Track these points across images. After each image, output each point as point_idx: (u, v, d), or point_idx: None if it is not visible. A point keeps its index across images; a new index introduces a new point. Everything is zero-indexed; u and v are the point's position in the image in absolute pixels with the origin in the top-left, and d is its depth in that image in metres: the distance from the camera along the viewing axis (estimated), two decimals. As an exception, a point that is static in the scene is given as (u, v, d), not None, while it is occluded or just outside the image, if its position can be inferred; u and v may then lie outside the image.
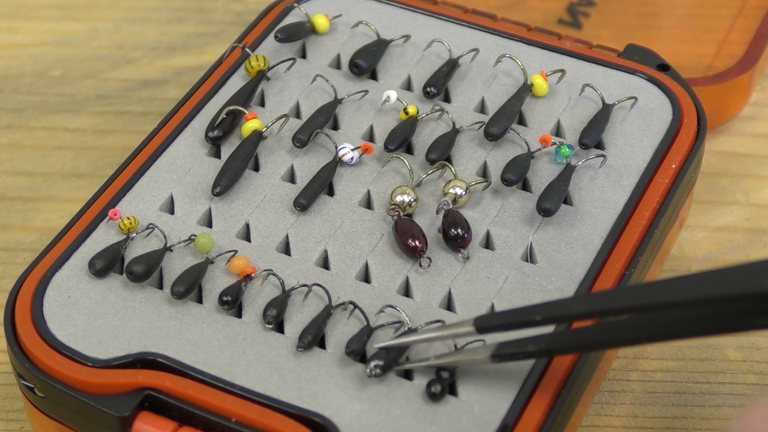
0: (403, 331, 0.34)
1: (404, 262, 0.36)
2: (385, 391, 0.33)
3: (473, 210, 0.37)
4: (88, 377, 0.33)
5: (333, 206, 0.37)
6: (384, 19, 0.43)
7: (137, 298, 0.35)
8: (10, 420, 0.38)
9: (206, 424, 0.32)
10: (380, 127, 0.40)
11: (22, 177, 0.46)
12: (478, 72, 0.41)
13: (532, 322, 0.31)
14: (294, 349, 0.33)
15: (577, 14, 0.50)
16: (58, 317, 0.34)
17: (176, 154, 0.38)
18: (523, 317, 0.31)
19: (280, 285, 0.35)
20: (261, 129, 0.39)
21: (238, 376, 0.33)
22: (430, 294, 0.35)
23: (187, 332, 0.34)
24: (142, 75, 0.50)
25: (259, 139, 0.38)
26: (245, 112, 0.39)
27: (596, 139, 0.39)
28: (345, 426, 0.32)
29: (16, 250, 0.43)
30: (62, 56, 0.50)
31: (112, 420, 0.32)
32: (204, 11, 0.53)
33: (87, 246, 0.36)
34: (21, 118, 0.48)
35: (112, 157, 0.46)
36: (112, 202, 0.37)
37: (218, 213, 0.37)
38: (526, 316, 0.31)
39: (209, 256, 0.36)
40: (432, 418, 0.32)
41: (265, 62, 0.41)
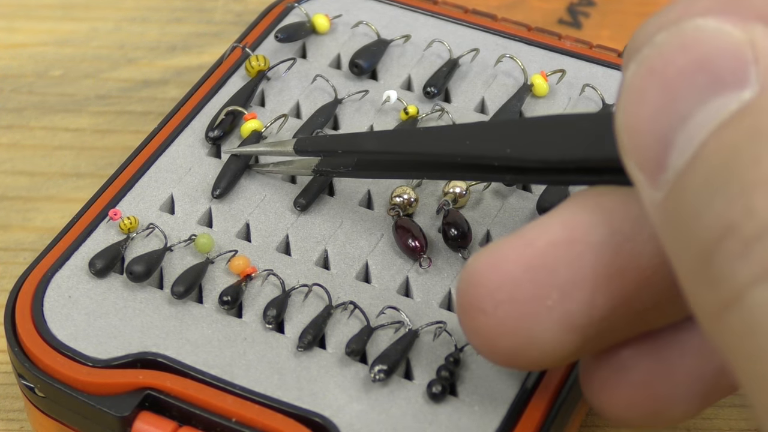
0: (403, 333, 0.34)
1: (404, 262, 0.36)
2: (386, 391, 0.33)
3: (473, 210, 0.37)
4: (88, 377, 0.33)
5: (333, 206, 0.37)
6: (384, 19, 0.43)
7: (137, 298, 0.35)
8: (11, 420, 0.38)
9: (206, 424, 0.32)
10: (380, 127, 0.40)
11: (22, 177, 0.46)
12: (478, 72, 0.41)
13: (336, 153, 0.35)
14: (294, 349, 0.33)
15: (577, 14, 0.50)
16: (58, 317, 0.34)
17: (176, 154, 0.38)
18: (330, 146, 0.36)
19: (280, 285, 0.35)
20: (260, 129, 0.39)
21: (239, 376, 0.33)
22: (431, 294, 0.35)
23: (187, 332, 0.34)
24: (142, 75, 0.50)
25: (259, 139, 0.38)
26: (245, 112, 0.39)
27: (596, 139, 0.39)
28: (345, 426, 0.32)
29: (16, 250, 0.43)
30: (62, 56, 0.50)
31: (112, 420, 0.32)
32: (204, 11, 0.52)
33: (87, 246, 0.36)
34: (21, 118, 0.48)
35: (113, 157, 0.46)
36: (112, 202, 0.37)
37: (218, 213, 0.37)
38: (333, 146, 0.35)
39: (209, 256, 0.36)
40: (432, 418, 0.32)
41: (266, 62, 0.41)
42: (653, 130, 0.25)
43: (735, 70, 0.24)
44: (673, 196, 0.25)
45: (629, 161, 0.26)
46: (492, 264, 0.28)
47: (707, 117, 0.24)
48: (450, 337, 0.34)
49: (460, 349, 0.33)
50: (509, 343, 0.29)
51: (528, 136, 0.30)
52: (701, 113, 0.24)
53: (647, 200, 0.26)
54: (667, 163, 0.25)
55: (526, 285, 0.28)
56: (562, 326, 0.28)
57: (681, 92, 0.25)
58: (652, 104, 0.25)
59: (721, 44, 0.25)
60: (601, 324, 0.28)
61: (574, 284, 0.28)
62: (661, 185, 0.25)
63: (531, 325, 0.28)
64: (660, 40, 0.26)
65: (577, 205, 0.28)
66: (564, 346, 0.28)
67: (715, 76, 0.25)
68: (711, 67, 0.25)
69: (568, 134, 0.29)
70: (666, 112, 0.25)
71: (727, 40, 0.25)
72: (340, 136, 0.36)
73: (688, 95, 0.25)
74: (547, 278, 0.28)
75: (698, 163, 0.24)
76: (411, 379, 0.33)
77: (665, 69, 0.25)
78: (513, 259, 0.28)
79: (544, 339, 0.28)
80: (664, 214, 0.25)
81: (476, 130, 0.32)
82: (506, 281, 0.28)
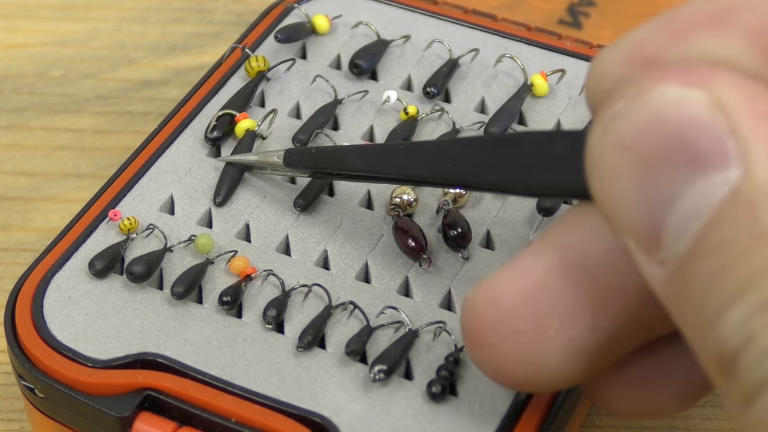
0: (403, 332, 0.34)
1: (404, 262, 0.36)
2: (386, 391, 0.33)
3: (473, 210, 0.37)
4: (88, 378, 0.33)
5: (333, 206, 0.37)
6: (384, 20, 0.43)
7: (137, 299, 0.35)
8: (11, 420, 0.38)
9: (206, 424, 0.32)
10: (380, 128, 0.40)
11: (23, 177, 0.46)
12: (478, 72, 0.41)
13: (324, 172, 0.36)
14: (294, 349, 0.33)
15: (577, 14, 0.50)
16: (58, 318, 0.34)
17: (176, 155, 0.38)
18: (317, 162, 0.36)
19: (280, 285, 0.35)
20: (254, 128, 0.39)
21: (238, 377, 0.33)
22: (431, 294, 0.35)
23: (187, 332, 0.34)
24: (142, 75, 0.50)
25: (254, 138, 0.38)
26: (236, 114, 0.39)
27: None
28: (345, 426, 0.32)
29: (16, 251, 0.43)
30: (63, 56, 0.50)
31: (112, 420, 0.32)
32: (204, 11, 0.53)
33: (87, 246, 0.36)
34: (21, 118, 0.48)
35: (113, 157, 0.46)
36: (112, 203, 0.37)
37: (218, 213, 0.37)
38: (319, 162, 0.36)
39: (209, 257, 0.36)
40: (432, 418, 0.32)
41: (265, 63, 0.41)
42: (640, 209, 0.24)
43: (712, 145, 0.23)
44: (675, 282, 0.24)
45: (619, 233, 0.25)
46: (491, 298, 0.28)
47: (697, 202, 0.23)
48: (450, 337, 0.34)
49: (460, 348, 0.33)
50: (518, 372, 0.28)
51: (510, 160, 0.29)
52: (688, 197, 0.24)
53: (647, 274, 0.25)
54: (662, 244, 0.24)
55: (526, 316, 0.27)
56: (567, 353, 0.28)
57: (661, 174, 0.24)
58: (632, 183, 0.24)
59: (690, 117, 0.24)
60: (608, 344, 0.28)
61: (574, 310, 0.27)
62: (661, 265, 0.24)
63: (537, 355, 0.28)
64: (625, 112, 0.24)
65: (569, 226, 0.28)
66: (573, 370, 0.28)
67: (693, 154, 0.23)
68: (686, 145, 0.23)
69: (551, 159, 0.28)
70: (649, 192, 0.24)
71: (695, 110, 0.24)
72: (326, 151, 0.36)
73: (669, 177, 0.24)
74: (547, 307, 0.27)
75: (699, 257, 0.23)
76: (411, 379, 0.33)
77: (638, 147, 0.24)
78: (511, 292, 0.28)
79: (551, 367, 0.28)
80: (667, 292, 0.24)
81: (459, 150, 0.31)
82: (506, 314, 0.28)
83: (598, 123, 0.25)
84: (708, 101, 0.24)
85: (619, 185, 0.24)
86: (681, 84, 0.24)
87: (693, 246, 0.23)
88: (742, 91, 0.24)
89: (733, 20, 0.25)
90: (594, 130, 0.25)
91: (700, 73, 0.24)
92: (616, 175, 0.25)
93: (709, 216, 0.23)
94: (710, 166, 0.23)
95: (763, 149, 0.23)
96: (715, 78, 0.24)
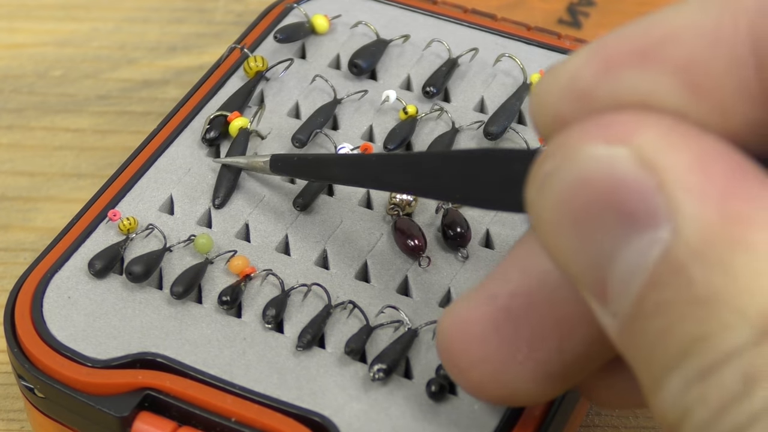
0: (402, 332, 0.34)
1: (404, 262, 0.36)
2: (385, 390, 0.33)
3: (473, 209, 0.37)
4: (87, 377, 0.33)
5: (332, 206, 0.37)
6: (383, 19, 0.43)
7: (137, 299, 0.35)
8: (11, 420, 0.38)
9: (206, 423, 0.32)
10: (380, 127, 0.40)
11: (23, 177, 0.46)
12: (477, 71, 0.41)
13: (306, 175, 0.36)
14: (293, 348, 0.33)
15: (577, 14, 0.50)
16: (57, 318, 0.34)
17: (176, 155, 0.38)
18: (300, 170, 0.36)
19: (280, 285, 0.35)
20: (246, 126, 0.39)
21: (238, 376, 0.33)
22: (430, 293, 0.35)
23: (186, 332, 0.34)
24: (142, 75, 0.50)
25: (248, 136, 0.38)
26: (227, 114, 0.39)
27: (595, 138, 0.39)
28: (345, 425, 0.32)
29: (16, 250, 0.43)
30: (63, 56, 0.50)
31: (112, 420, 0.32)
32: (205, 11, 0.53)
33: (87, 246, 0.36)
34: (21, 118, 0.48)
35: (113, 157, 0.46)
36: (111, 203, 0.37)
37: (218, 213, 0.37)
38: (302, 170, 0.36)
39: (209, 257, 0.36)
40: (432, 418, 0.32)
41: (264, 63, 0.41)
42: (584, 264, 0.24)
43: (641, 204, 0.23)
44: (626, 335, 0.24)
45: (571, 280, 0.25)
46: (458, 324, 0.28)
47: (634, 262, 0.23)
48: (449, 337, 0.34)
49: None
50: (493, 392, 0.29)
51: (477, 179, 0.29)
52: (626, 256, 0.23)
53: (601, 320, 0.24)
54: (609, 299, 0.24)
55: (493, 342, 0.27)
56: (537, 375, 0.27)
57: (598, 232, 0.23)
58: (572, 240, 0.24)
59: (617, 176, 0.23)
60: (579, 364, 0.28)
61: (541, 335, 0.27)
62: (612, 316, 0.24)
63: (508, 378, 0.28)
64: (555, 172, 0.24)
65: (533, 249, 0.27)
66: (547, 389, 0.28)
67: (624, 214, 0.23)
68: (616, 205, 0.23)
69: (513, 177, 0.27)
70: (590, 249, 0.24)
71: (621, 169, 0.23)
72: (310, 159, 0.36)
73: (605, 236, 0.23)
74: (513, 333, 0.27)
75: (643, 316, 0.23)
76: (410, 378, 0.33)
77: (572, 206, 0.24)
78: (477, 319, 0.28)
79: (524, 388, 0.28)
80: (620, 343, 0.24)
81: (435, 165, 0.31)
82: (474, 341, 0.28)
83: (533, 179, 0.25)
84: (633, 158, 0.23)
85: (561, 241, 0.24)
86: (605, 141, 0.23)
87: (636, 305, 0.23)
88: (668, 141, 0.23)
89: (661, 55, 0.24)
90: (530, 186, 0.25)
91: (623, 127, 0.23)
92: (556, 231, 0.24)
93: (646, 276, 0.23)
94: (642, 225, 0.23)
95: (692, 205, 0.22)
96: (639, 131, 0.23)
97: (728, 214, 0.22)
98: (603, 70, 0.24)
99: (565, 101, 0.25)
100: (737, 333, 0.21)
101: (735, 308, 0.22)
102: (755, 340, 0.21)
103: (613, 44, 0.25)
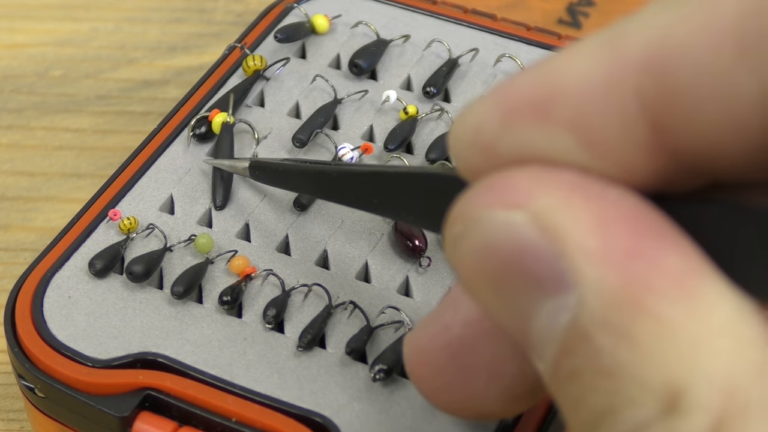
0: (403, 332, 0.34)
1: (404, 262, 0.36)
2: (386, 390, 0.33)
3: (473, 210, 0.37)
4: (88, 377, 0.33)
5: (333, 206, 0.37)
6: (384, 19, 0.43)
7: (137, 299, 0.35)
8: (11, 420, 0.38)
9: (206, 423, 0.32)
10: (380, 127, 0.40)
11: (23, 177, 0.46)
12: (477, 72, 0.41)
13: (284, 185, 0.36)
14: (294, 348, 0.33)
15: (577, 14, 0.50)
16: (58, 317, 0.34)
17: (176, 155, 0.38)
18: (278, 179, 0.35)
19: (280, 285, 0.35)
20: (226, 119, 0.39)
21: (239, 376, 0.33)
22: (430, 293, 0.35)
23: (187, 332, 0.34)
24: (142, 75, 0.50)
25: (231, 130, 0.38)
26: (206, 115, 0.39)
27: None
28: (345, 425, 0.32)
29: (16, 250, 0.43)
30: (62, 56, 0.50)
31: (113, 420, 0.32)
32: (205, 11, 0.53)
33: (87, 246, 0.36)
34: (21, 118, 0.48)
35: (113, 157, 0.46)
36: (112, 203, 0.37)
37: (218, 213, 0.37)
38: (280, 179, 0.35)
39: (209, 256, 0.36)
40: (432, 418, 0.32)
41: (263, 62, 0.41)
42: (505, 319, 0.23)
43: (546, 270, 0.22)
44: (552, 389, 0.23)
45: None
46: (417, 354, 0.28)
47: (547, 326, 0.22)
48: (450, 337, 0.34)
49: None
50: (464, 414, 0.28)
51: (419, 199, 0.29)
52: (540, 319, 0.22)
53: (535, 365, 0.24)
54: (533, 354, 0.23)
55: (452, 371, 0.27)
56: (505, 397, 0.27)
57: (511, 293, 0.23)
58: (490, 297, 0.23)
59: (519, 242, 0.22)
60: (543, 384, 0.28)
61: (499, 361, 0.26)
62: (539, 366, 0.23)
63: (475, 402, 0.27)
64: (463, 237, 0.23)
65: None
66: (520, 405, 0.28)
67: (532, 279, 0.22)
68: (523, 271, 0.22)
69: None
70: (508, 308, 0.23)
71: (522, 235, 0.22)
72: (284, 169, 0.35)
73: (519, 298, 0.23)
74: (471, 361, 0.27)
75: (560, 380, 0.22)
76: (411, 379, 0.33)
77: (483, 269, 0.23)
78: (434, 348, 0.27)
79: (493, 408, 0.27)
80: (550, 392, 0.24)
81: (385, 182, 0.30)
82: (433, 371, 0.27)
83: (446, 238, 0.24)
84: (532, 223, 0.22)
85: (482, 298, 0.24)
86: (504, 206, 0.23)
87: (553, 368, 0.23)
88: (566, 203, 0.22)
89: (555, 110, 0.23)
90: (445, 244, 0.24)
91: (520, 189, 0.22)
92: (475, 289, 0.24)
93: (559, 343, 0.22)
94: (549, 290, 0.22)
95: (593, 271, 0.21)
96: (536, 193, 0.22)
97: (630, 279, 0.21)
98: (505, 122, 0.23)
99: (472, 153, 0.24)
100: (644, 407, 0.21)
101: (640, 381, 0.21)
102: (661, 415, 0.21)
103: (512, 94, 0.23)
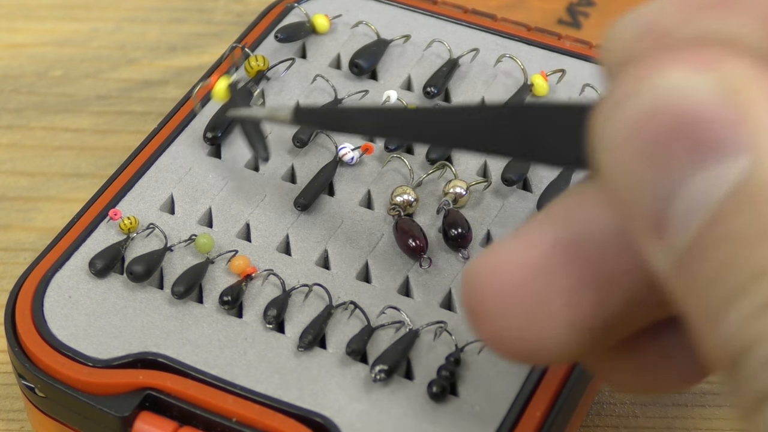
0: (404, 332, 0.34)
1: (405, 262, 0.36)
2: (386, 391, 0.33)
3: (473, 210, 0.37)
4: (88, 377, 0.33)
5: (333, 206, 0.37)
6: (384, 19, 0.43)
7: (138, 298, 0.35)
8: (11, 420, 0.38)
9: (207, 424, 0.32)
10: (380, 127, 0.40)
11: (23, 177, 0.46)
12: (478, 72, 0.41)
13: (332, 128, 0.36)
14: (295, 349, 0.33)
15: (577, 14, 0.50)
16: (58, 317, 0.34)
17: (176, 154, 0.38)
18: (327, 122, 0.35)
19: (281, 285, 0.35)
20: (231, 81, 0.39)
21: (239, 376, 0.33)
22: (431, 294, 0.35)
23: (187, 332, 0.34)
24: (142, 75, 0.50)
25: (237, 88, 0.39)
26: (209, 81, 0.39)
27: (596, 138, 0.39)
28: (346, 426, 0.32)
29: (16, 250, 0.43)
30: (62, 56, 0.50)
31: (113, 420, 0.32)
32: (204, 11, 0.53)
33: (87, 246, 0.36)
34: (21, 118, 0.48)
35: (113, 157, 0.46)
36: (112, 202, 0.37)
37: (218, 213, 0.37)
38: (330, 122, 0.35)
39: (209, 256, 0.36)
40: (433, 418, 0.32)
41: (265, 62, 0.41)
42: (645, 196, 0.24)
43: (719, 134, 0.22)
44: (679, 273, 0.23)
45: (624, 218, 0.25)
46: (493, 269, 0.27)
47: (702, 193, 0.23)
48: (450, 337, 0.34)
49: (461, 348, 0.33)
50: (517, 345, 0.28)
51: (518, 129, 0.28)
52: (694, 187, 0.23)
53: (651, 262, 0.24)
54: (666, 234, 0.23)
55: (529, 290, 0.27)
56: (569, 330, 0.27)
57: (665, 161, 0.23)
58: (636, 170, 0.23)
59: (698, 103, 0.23)
60: (612, 323, 0.27)
61: (579, 288, 0.26)
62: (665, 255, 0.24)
63: (537, 329, 0.27)
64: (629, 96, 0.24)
65: (577, 200, 0.27)
66: (573, 347, 0.27)
67: (699, 143, 0.23)
68: (692, 133, 0.23)
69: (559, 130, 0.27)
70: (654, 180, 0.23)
71: (703, 96, 0.22)
72: (338, 111, 0.35)
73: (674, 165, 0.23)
74: (551, 282, 0.26)
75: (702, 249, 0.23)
76: (411, 379, 0.33)
77: (641, 133, 0.23)
78: (515, 264, 0.27)
79: (551, 342, 0.27)
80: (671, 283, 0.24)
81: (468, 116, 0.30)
82: (508, 287, 0.27)
83: (602, 106, 0.24)
84: (718, 86, 0.22)
85: (623, 171, 0.24)
86: (690, 67, 0.23)
87: (697, 238, 0.23)
88: (756, 75, 0.23)
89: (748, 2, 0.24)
90: (598, 113, 0.24)
91: (712, 55, 0.23)
92: (619, 160, 0.24)
93: (713, 208, 0.22)
94: (718, 155, 0.22)
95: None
96: (729, 61, 0.23)
97: None
98: (687, 14, 0.24)
99: (642, 40, 0.25)
100: None
101: None
102: None
103: None
